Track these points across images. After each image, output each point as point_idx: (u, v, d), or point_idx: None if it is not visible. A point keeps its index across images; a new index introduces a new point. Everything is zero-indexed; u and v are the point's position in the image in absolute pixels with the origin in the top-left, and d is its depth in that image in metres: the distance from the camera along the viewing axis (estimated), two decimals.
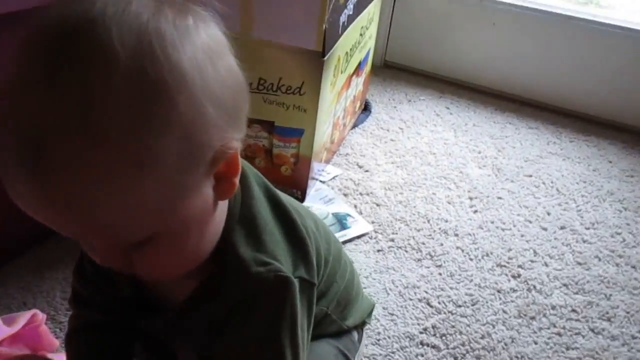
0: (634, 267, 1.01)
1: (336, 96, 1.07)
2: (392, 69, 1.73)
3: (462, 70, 1.64)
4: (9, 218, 0.81)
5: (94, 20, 0.32)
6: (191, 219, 0.39)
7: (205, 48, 0.36)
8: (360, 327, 0.66)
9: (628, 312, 0.91)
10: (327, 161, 1.20)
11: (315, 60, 0.90)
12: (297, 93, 0.94)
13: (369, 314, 0.68)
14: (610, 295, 0.94)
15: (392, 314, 0.85)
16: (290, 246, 0.48)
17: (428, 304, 0.88)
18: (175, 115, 0.34)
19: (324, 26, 0.87)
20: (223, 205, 0.44)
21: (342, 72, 1.07)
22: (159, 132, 0.33)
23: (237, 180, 0.42)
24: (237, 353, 0.45)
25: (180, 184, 0.36)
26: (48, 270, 0.90)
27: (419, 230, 1.04)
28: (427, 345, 0.81)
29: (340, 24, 0.96)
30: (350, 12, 1.02)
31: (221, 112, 0.37)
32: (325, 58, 0.91)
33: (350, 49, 1.09)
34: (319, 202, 1.07)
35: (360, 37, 1.15)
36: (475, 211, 1.12)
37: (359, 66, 1.23)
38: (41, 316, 0.69)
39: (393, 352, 0.79)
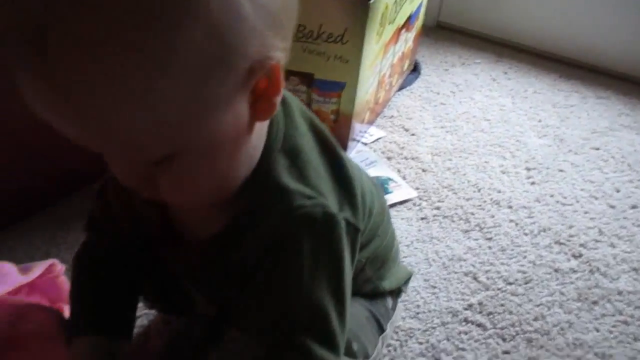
0: None
1: (382, 49, 0.98)
2: (446, 30, 1.60)
3: (523, 32, 1.49)
4: (37, 171, 0.77)
5: None
6: (221, 138, 0.33)
7: None
8: (395, 294, 0.59)
9: None
10: (370, 122, 1.11)
11: (360, 5, 0.81)
12: (339, 42, 0.85)
13: (406, 282, 0.61)
14: None
15: (434, 287, 0.77)
16: (336, 184, 0.41)
17: (475, 278, 0.79)
18: (202, 7, 0.28)
19: None
20: (261, 130, 0.38)
21: (390, 23, 0.97)
22: (180, 25, 0.27)
23: (278, 100, 0.35)
24: (268, 303, 0.38)
25: (207, 93, 0.30)
26: (74, 223, 0.86)
27: (468, 200, 0.94)
28: (472, 322, 0.72)
29: None
30: None
31: (262, 12, 0.30)
32: (371, 1, 0.81)
33: None
34: (358, 161, 0.98)
35: None
36: (533, 183, 1.01)
37: (409, 20, 1.12)
38: (60, 267, 0.64)
39: (433, 328, 0.71)
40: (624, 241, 0.89)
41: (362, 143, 1.06)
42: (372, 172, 0.97)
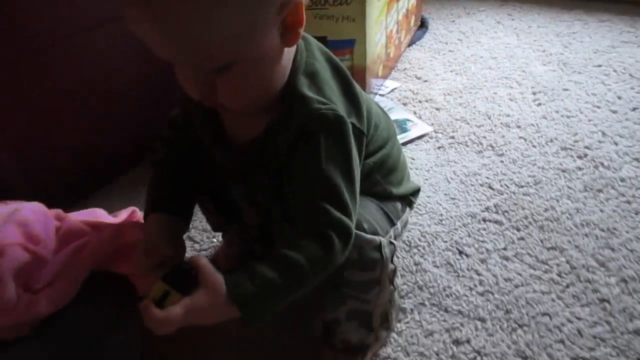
0: None
1: (385, 7, 1.10)
2: None
3: None
4: (115, 139, 0.93)
5: None
6: (262, 54, 0.47)
7: None
8: (404, 202, 0.69)
9: None
10: (385, 76, 1.23)
11: None
12: (344, 3, 0.98)
13: (414, 194, 0.71)
14: None
15: (454, 199, 0.89)
16: (345, 99, 0.54)
17: (490, 187, 0.90)
18: None
19: None
20: (289, 54, 0.51)
21: None
22: None
23: (300, 31, 0.48)
24: (301, 180, 0.51)
25: (255, 19, 0.44)
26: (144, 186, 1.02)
27: (479, 127, 1.05)
28: (490, 221, 0.84)
29: None
30: None
31: None
32: None
33: None
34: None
35: None
36: (539, 104, 1.10)
37: None
38: (139, 213, 0.79)
39: (456, 229, 0.83)
40: (625, 138, 0.98)
41: (380, 95, 1.18)
42: (391, 116, 1.09)
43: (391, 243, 0.60)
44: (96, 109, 0.89)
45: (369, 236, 0.56)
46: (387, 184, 0.65)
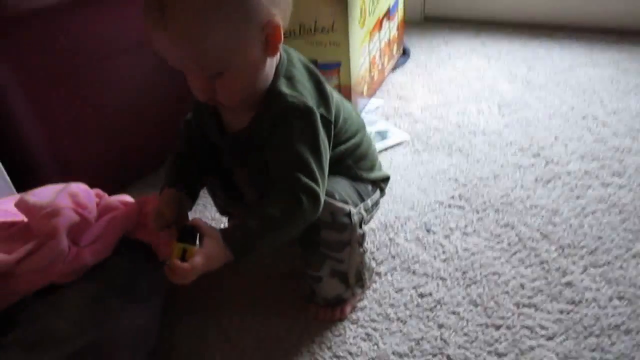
0: None
1: (368, 35, 1.28)
2: (431, 21, 1.89)
3: (496, 9, 1.77)
4: (143, 142, 1.09)
5: None
6: (249, 62, 0.63)
7: None
8: (374, 186, 0.83)
9: (638, 169, 1.03)
10: (370, 96, 1.40)
11: (341, 1, 1.12)
12: (330, 31, 1.16)
13: (384, 180, 0.86)
14: (623, 159, 1.06)
15: (425, 190, 1.04)
16: (316, 95, 0.70)
17: (456, 180, 1.06)
18: None
19: None
20: (271, 63, 0.67)
21: (370, 14, 1.28)
22: (234, 3, 0.58)
23: (279, 46, 0.65)
24: (277, 156, 0.67)
25: (244, 35, 0.60)
26: None
27: (450, 134, 1.22)
28: (454, 206, 0.99)
29: None
30: None
31: None
32: None
33: None
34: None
35: None
36: (503, 115, 1.27)
37: (389, 12, 1.42)
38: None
39: (425, 213, 0.98)
40: (574, 141, 1.14)
41: (365, 112, 1.35)
42: (373, 128, 1.26)
43: (359, 213, 0.75)
44: (128, 117, 1.07)
45: (339, 204, 0.72)
46: (358, 169, 0.80)
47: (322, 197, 0.67)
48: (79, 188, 0.78)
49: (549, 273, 0.82)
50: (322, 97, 0.71)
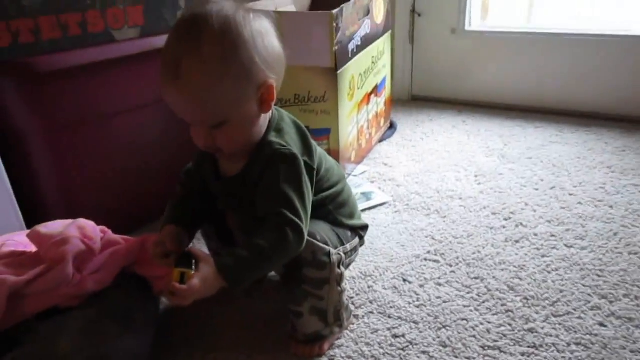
0: (611, 207, 1.22)
1: (356, 107, 1.42)
2: (418, 100, 2.06)
3: (477, 92, 1.95)
4: (149, 189, 1.18)
5: (204, 13, 0.69)
6: (246, 117, 0.74)
7: (258, 29, 0.72)
8: (354, 232, 0.91)
9: (599, 233, 1.12)
10: (358, 162, 1.52)
11: (332, 74, 1.26)
12: (322, 101, 1.30)
13: (363, 228, 0.94)
14: (586, 224, 1.16)
15: (404, 245, 1.13)
16: (301, 145, 0.80)
17: (432, 238, 1.15)
18: (239, 57, 0.70)
19: (334, 49, 1.24)
20: (265, 118, 0.78)
21: (359, 89, 1.42)
22: (232, 62, 0.69)
23: (272, 104, 0.76)
24: (265, 195, 0.76)
25: (242, 90, 0.71)
26: None
27: (429, 198, 1.32)
28: (430, 260, 1.07)
29: (349, 50, 1.32)
30: (359, 43, 1.38)
31: (263, 61, 0.72)
32: (339, 72, 1.26)
33: (364, 72, 1.45)
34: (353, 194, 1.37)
35: (372, 65, 1.51)
36: (479, 183, 1.38)
37: (377, 88, 1.57)
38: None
39: (403, 265, 1.06)
40: (542, 207, 1.24)
41: (353, 175, 1.46)
42: (359, 190, 1.36)
43: (338, 254, 0.83)
44: (134, 169, 1.17)
45: (320, 244, 0.80)
46: (338, 215, 0.89)
47: (306, 232, 0.75)
48: (87, 222, 0.86)
49: (514, 320, 0.89)
50: (307, 147, 0.81)
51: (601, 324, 0.88)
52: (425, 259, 1.07)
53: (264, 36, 0.73)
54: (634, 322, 0.88)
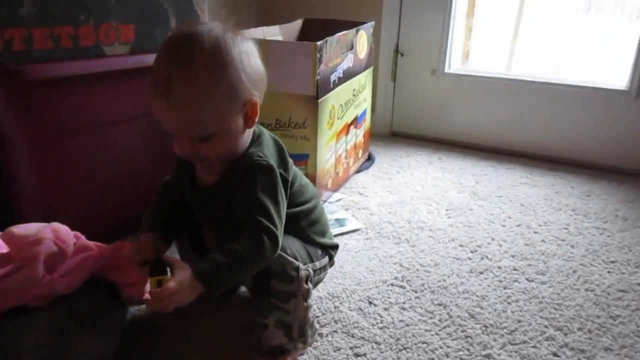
0: (572, 246, 1.28)
1: (335, 136, 1.47)
2: (397, 136, 2.12)
3: (454, 132, 2.02)
4: (124, 207, 1.19)
5: (195, 33, 0.74)
6: (231, 131, 0.78)
7: (245, 49, 0.77)
8: (324, 251, 0.94)
9: (559, 269, 1.17)
10: (334, 190, 1.56)
11: (312, 102, 1.31)
12: (302, 127, 1.34)
13: (333, 248, 0.98)
14: (548, 261, 1.21)
15: (372, 270, 1.16)
16: (278, 158, 0.84)
17: (400, 265, 1.18)
18: (228, 75, 0.74)
19: (316, 78, 1.29)
20: (248, 133, 0.82)
21: (339, 118, 1.47)
22: (221, 80, 0.73)
23: (255, 120, 0.80)
24: (242, 202, 0.79)
25: (229, 106, 0.75)
26: None
27: (401, 227, 1.36)
28: (396, 285, 1.10)
29: (331, 81, 1.38)
30: (341, 75, 1.44)
31: (249, 80, 0.77)
32: (319, 101, 1.32)
33: (345, 103, 1.50)
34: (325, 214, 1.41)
35: (353, 97, 1.57)
36: (449, 217, 1.43)
37: (357, 120, 1.63)
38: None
39: (370, 289, 1.09)
40: (507, 242, 1.28)
41: (328, 202, 1.50)
42: (333, 216, 1.40)
43: (307, 270, 0.86)
44: (113, 180, 1.19)
45: (290, 258, 0.83)
46: (310, 232, 0.92)
47: (280, 239, 0.78)
48: (61, 226, 0.88)
49: (472, 346, 0.92)
50: (283, 161, 0.85)
51: (554, 354, 0.91)
52: (392, 284, 1.10)
53: (250, 56, 0.78)
54: (586, 354, 0.91)
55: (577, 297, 1.07)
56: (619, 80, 1.75)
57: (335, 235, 1.26)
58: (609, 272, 1.17)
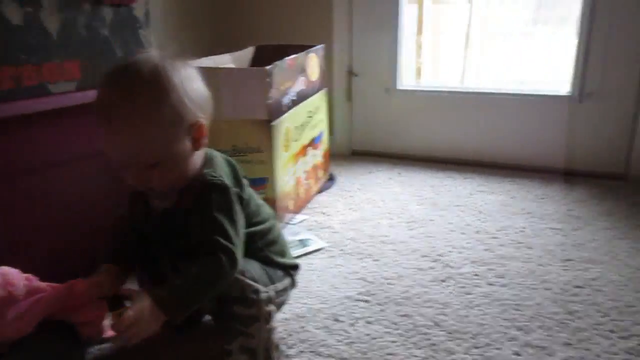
0: (530, 248, 1.31)
1: (292, 158, 1.48)
2: (358, 155, 2.15)
3: (411, 147, 2.06)
4: (78, 247, 1.17)
5: (134, 62, 0.75)
6: (180, 155, 0.78)
7: (185, 75, 0.78)
8: (285, 271, 0.94)
9: (518, 271, 1.20)
10: (297, 212, 1.56)
11: (266, 126, 1.32)
12: (258, 151, 1.35)
13: (294, 268, 0.97)
14: (507, 264, 1.23)
15: (336, 287, 1.16)
16: (232, 177, 0.85)
17: (364, 280, 1.19)
18: (170, 100, 0.75)
19: (268, 102, 1.31)
20: (198, 155, 0.82)
21: (295, 141, 1.49)
22: (163, 106, 0.74)
23: (203, 142, 0.80)
24: (199, 223, 0.79)
25: (174, 131, 0.76)
26: None
27: (363, 243, 1.37)
28: (360, 300, 1.10)
29: (284, 104, 1.40)
30: (294, 98, 1.46)
31: (192, 103, 0.78)
32: (273, 124, 1.33)
33: (301, 125, 1.52)
34: (288, 235, 1.41)
35: (308, 118, 1.59)
36: (411, 229, 1.45)
37: (314, 141, 1.65)
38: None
39: (335, 306, 1.09)
40: (467, 249, 1.31)
41: (291, 224, 1.50)
42: (296, 237, 1.40)
43: (267, 292, 0.86)
44: (66, 219, 1.16)
45: (248, 281, 0.83)
46: (268, 252, 0.92)
47: (239, 257, 0.78)
48: (9, 270, 0.86)
49: (437, 353, 0.93)
50: (237, 180, 0.86)
51: (517, 354, 0.93)
52: (357, 300, 1.11)
53: (192, 80, 0.79)
54: (547, 350, 0.93)
55: (536, 296, 1.10)
56: (564, 86, 1.83)
57: (299, 256, 1.26)
58: (565, 270, 1.20)
